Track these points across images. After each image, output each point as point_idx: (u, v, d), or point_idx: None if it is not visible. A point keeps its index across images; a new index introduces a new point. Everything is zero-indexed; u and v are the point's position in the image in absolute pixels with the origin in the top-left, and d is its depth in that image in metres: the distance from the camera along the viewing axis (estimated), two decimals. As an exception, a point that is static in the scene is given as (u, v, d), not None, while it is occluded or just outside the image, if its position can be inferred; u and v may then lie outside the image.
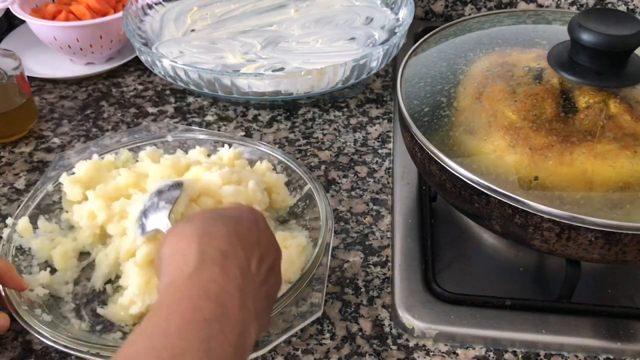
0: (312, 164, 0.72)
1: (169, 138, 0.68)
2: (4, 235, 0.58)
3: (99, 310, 0.54)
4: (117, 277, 0.57)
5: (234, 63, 0.80)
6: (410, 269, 0.58)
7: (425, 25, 0.95)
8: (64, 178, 0.62)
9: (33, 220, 0.59)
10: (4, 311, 0.52)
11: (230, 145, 0.67)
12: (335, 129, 0.78)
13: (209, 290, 0.36)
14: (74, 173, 0.62)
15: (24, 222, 0.59)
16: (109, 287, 0.57)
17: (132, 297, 0.52)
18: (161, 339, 0.33)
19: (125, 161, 0.66)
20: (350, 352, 0.53)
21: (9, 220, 0.59)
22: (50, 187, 0.63)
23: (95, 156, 0.64)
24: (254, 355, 0.50)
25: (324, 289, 0.53)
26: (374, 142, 0.75)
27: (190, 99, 0.83)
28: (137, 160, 0.66)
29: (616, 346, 0.53)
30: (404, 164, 0.69)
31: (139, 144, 0.68)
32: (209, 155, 0.66)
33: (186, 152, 0.67)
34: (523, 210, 0.48)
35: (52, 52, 0.88)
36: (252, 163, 0.66)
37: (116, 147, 0.67)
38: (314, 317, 0.52)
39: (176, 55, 0.81)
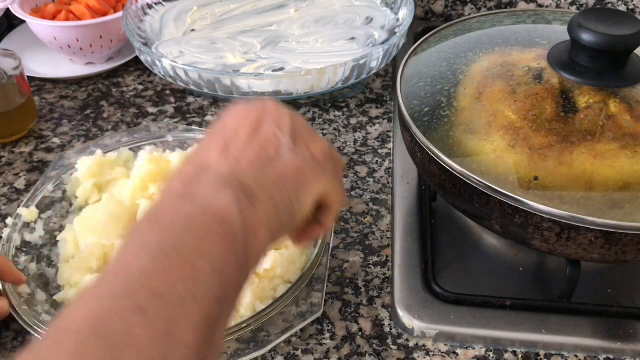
0: (312, 164, 0.72)
1: (169, 138, 0.68)
2: (4, 235, 0.58)
3: None
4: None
5: (234, 63, 0.80)
6: (410, 269, 0.58)
7: (425, 25, 0.95)
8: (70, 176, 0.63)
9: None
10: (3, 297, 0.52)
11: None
12: (335, 129, 0.78)
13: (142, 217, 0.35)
14: (76, 170, 0.63)
15: (28, 211, 0.59)
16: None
17: None
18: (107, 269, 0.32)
19: (126, 160, 0.66)
20: (350, 352, 0.53)
21: (9, 220, 0.59)
22: (50, 186, 0.63)
23: (99, 151, 0.65)
24: (255, 354, 0.50)
25: (324, 289, 0.54)
26: (374, 142, 0.75)
27: (190, 99, 0.83)
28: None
29: (616, 346, 0.53)
30: (404, 164, 0.69)
31: (139, 144, 0.68)
32: None
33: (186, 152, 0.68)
34: (523, 210, 0.48)
35: (52, 52, 0.88)
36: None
37: (116, 146, 0.67)
38: (314, 317, 0.52)
39: (176, 55, 0.81)
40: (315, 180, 0.40)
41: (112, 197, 0.61)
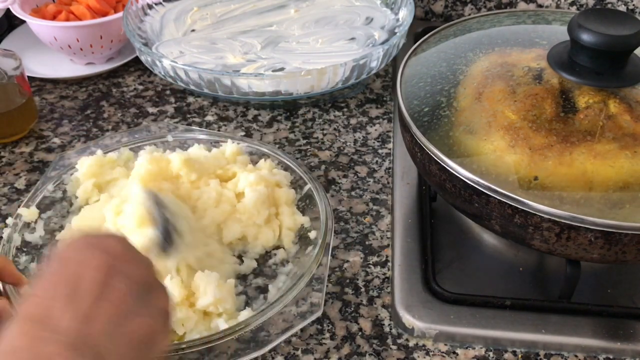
0: (312, 164, 0.72)
1: (169, 138, 0.68)
2: (4, 235, 0.58)
3: None
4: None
5: (234, 63, 0.80)
6: (410, 269, 0.58)
7: (425, 25, 0.95)
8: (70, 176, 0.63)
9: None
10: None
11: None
12: (335, 129, 0.78)
13: None
14: (76, 170, 0.63)
15: (28, 211, 0.60)
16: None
17: None
18: None
19: (126, 160, 0.66)
20: (350, 352, 0.53)
21: (10, 220, 0.59)
22: (50, 186, 0.63)
23: (99, 151, 0.65)
24: (255, 354, 0.50)
25: (324, 289, 0.54)
26: (374, 142, 0.76)
27: (191, 99, 0.83)
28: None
29: (616, 346, 0.53)
30: (404, 164, 0.69)
31: (139, 144, 0.68)
32: (209, 151, 0.67)
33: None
34: (523, 210, 0.48)
35: (52, 52, 0.88)
36: (253, 162, 0.66)
37: (116, 146, 0.67)
38: (314, 317, 0.52)
39: (176, 55, 0.81)
40: (164, 338, 0.38)
41: (110, 197, 0.61)
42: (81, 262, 0.35)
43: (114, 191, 0.63)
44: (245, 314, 0.52)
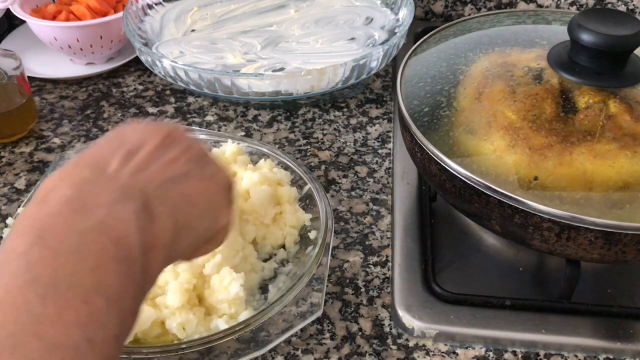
0: (312, 164, 0.72)
1: None
2: (4, 236, 0.58)
3: None
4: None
5: (234, 63, 0.80)
6: (410, 269, 0.58)
7: (425, 25, 0.95)
8: None
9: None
10: None
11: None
12: (335, 129, 0.78)
13: (24, 227, 0.30)
14: None
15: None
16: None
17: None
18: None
19: None
20: (350, 352, 0.53)
21: (10, 220, 0.59)
22: None
23: None
24: (254, 355, 0.50)
25: (324, 289, 0.54)
26: (374, 142, 0.76)
27: (191, 99, 0.83)
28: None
29: (616, 346, 0.53)
30: (404, 164, 0.69)
31: None
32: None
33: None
34: (523, 210, 0.48)
35: (52, 52, 0.88)
36: (253, 162, 0.66)
37: None
38: (314, 317, 0.52)
39: (176, 55, 0.81)
40: (223, 210, 0.38)
41: None
42: (142, 132, 0.36)
43: None
44: (246, 314, 0.52)
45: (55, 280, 0.27)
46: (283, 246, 0.60)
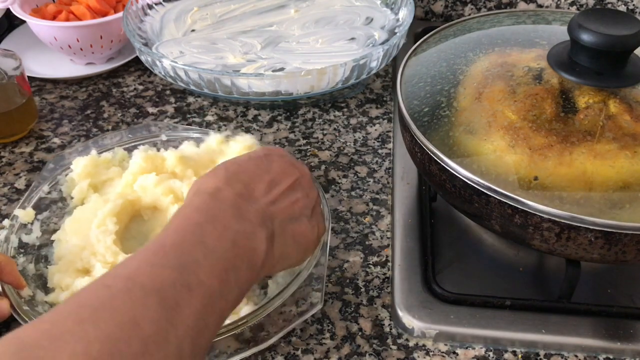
0: (312, 164, 0.72)
1: (163, 137, 0.68)
2: (2, 237, 0.58)
3: None
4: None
5: (234, 63, 0.80)
6: (410, 269, 0.58)
7: (425, 25, 0.95)
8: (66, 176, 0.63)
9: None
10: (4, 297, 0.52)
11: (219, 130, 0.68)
12: (335, 129, 0.78)
13: (199, 208, 0.41)
14: (71, 171, 0.63)
15: (24, 212, 0.59)
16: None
17: None
18: (158, 244, 0.38)
19: (121, 160, 0.66)
20: (350, 352, 0.53)
21: (6, 222, 0.59)
22: (46, 187, 0.63)
23: (93, 151, 0.65)
24: (253, 350, 0.51)
25: (323, 286, 0.54)
26: (374, 142, 0.76)
27: (191, 99, 0.83)
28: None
29: (616, 346, 0.53)
30: (404, 164, 0.69)
31: (134, 143, 0.67)
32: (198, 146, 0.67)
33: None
34: (523, 210, 0.48)
35: (52, 52, 0.88)
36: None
37: (116, 145, 0.67)
38: (314, 311, 0.52)
39: (176, 55, 0.81)
40: (309, 252, 0.49)
41: (99, 198, 0.61)
42: (283, 167, 0.47)
43: (109, 191, 0.62)
44: (247, 309, 0.52)
45: (214, 251, 0.38)
46: None
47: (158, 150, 0.67)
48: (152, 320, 0.32)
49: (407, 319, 0.54)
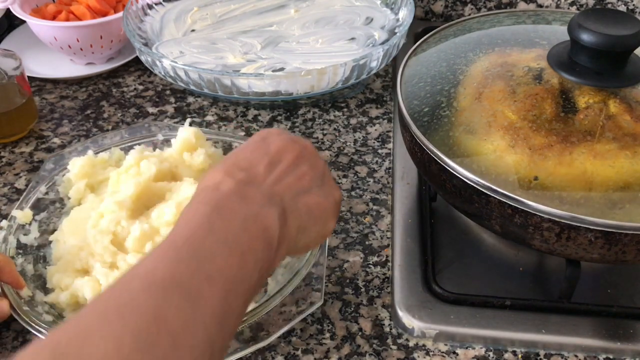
0: (312, 164, 0.72)
1: (159, 137, 0.68)
2: (0, 237, 0.58)
3: None
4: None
5: (234, 63, 0.80)
6: (410, 269, 0.58)
7: (425, 25, 0.95)
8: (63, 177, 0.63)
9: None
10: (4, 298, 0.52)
11: (190, 124, 0.68)
12: (335, 129, 0.78)
13: (204, 201, 0.41)
14: (68, 171, 0.63)
15: (22, 213, 0.59)
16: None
17: None
18: (169, 241, 0.38)
19: (118, 160, 0.66)
20: (350, 352, 0.53)
21: (4, 223, 0.59)
22: (43, 188, 0.62)
23: (90, 152, 0.65)
24: (252, 349, 0.51)
25: (323, 286, 0.54)
26: (374, 142, 0.76)
27: (191, 99, 0.83)
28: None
29: (616, 346, 0.53)
30: (404, 164, 0.69)
31: (131, 143, 0.67)
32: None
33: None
34: (523, 210, 0.48)
35: (52, 52, 0.88)
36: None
37: (116, 145, 0.67)
38: (314, 308, 0.52)
39: (176, 55, 0.81)
40: (330, 221, 0.47)
41: (95, 198, 0.61)
42: (281, 145, 0.46)
43: (105, 191, 0.62)
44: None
45: (226, 237, 0.38)
46: None
47: (154, 150, 0.67)
48: (177, 313, 0.33)
49: (407, 319, 0.54)
